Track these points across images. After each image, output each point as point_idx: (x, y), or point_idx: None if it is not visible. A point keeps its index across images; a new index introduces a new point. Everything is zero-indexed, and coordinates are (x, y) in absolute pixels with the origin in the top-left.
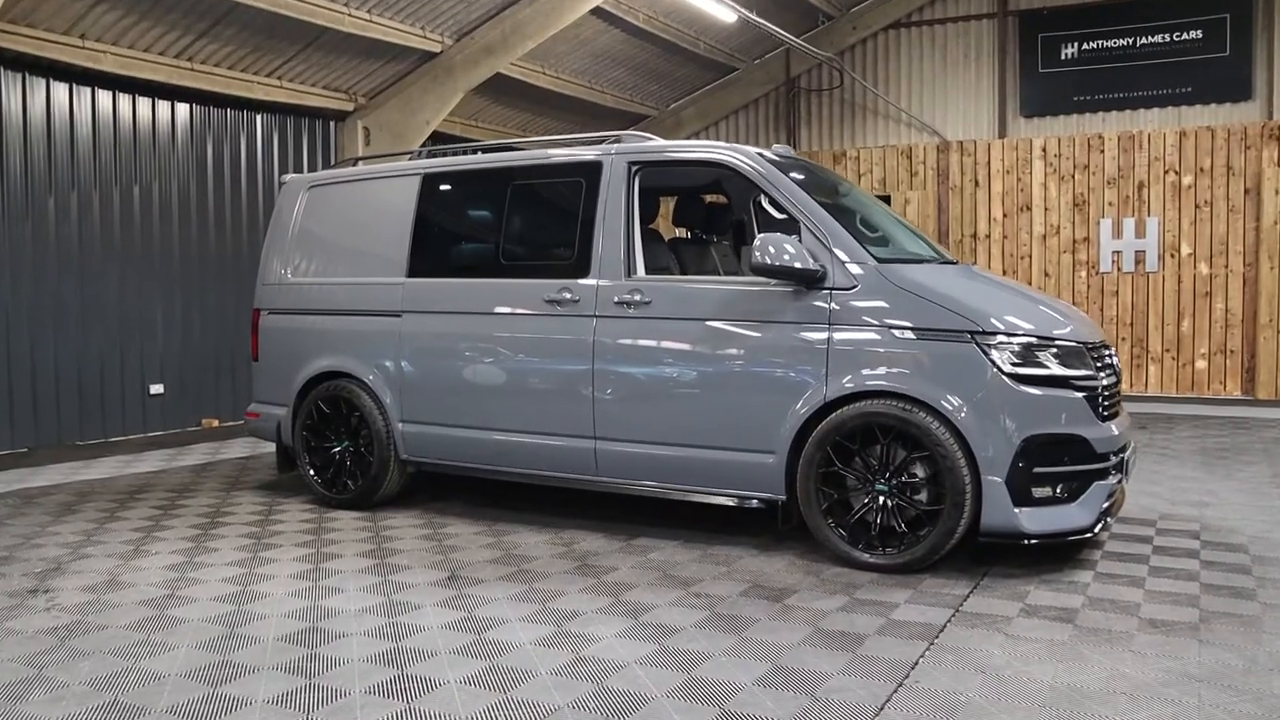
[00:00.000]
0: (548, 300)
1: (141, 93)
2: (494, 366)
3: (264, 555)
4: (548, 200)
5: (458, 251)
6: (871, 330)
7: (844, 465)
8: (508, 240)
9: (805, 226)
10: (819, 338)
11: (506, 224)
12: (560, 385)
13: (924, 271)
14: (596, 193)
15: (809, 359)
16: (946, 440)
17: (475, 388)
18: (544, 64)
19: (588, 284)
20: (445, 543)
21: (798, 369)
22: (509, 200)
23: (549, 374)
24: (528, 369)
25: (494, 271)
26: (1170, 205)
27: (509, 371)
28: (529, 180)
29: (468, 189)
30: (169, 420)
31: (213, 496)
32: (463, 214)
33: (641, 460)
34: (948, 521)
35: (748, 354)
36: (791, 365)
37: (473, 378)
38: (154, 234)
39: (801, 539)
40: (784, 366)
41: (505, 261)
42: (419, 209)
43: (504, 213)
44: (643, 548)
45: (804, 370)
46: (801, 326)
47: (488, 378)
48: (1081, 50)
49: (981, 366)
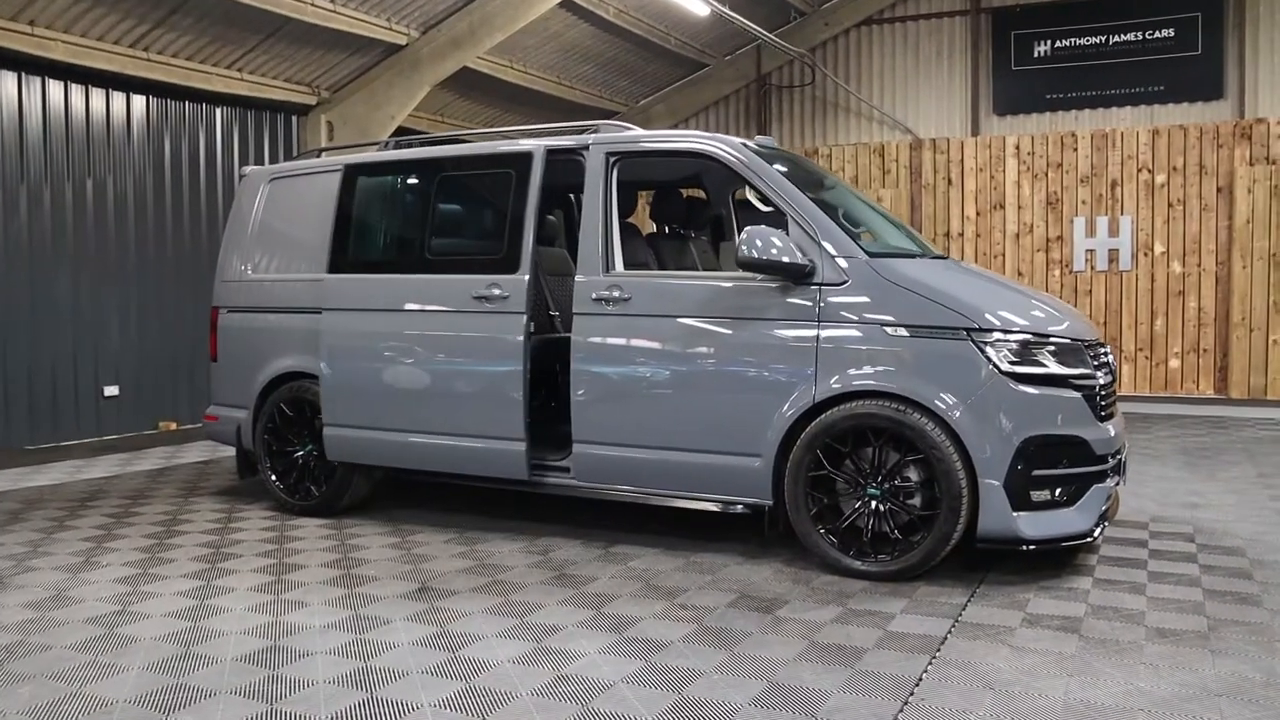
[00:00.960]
0: (476, 297)
1: (95, 84)
2: (416, 367)
3: (222, 566)
4: (476, 193)
5: (379, 246)
6: (862, 327)
7: (834, 469)
8: (433, 235)
9: (793, 219)
10: (807, 335)
11: (432, 218)
12: (489, 386)
13: (916, 266)
14: (527, 185)
15: (797, 358)
16: (942, 442)
17: (394, 388)
18: (512, 58)
19: (517, 279)
20: (415, 551)
21: (785, 368)
22: (435, 193)
23: (477, 375)
24: (453, 370)
25: (418, 267)
26: (1144, 204)
27: (432, 372)
28: (456, 173)
29: (391, 182)
30: (124, 423)
31: (169, 503)
32: (385, 208)
33: (621, 464)
34: (943, 527)
35: (732, 352)
36: (778, 364)
37: (392, 378)
38: (109, 231)
39: (788, 545)
40: (771, 366)
41: (431, 257)
42: (339, 203)
43: (430, 206)
44: (623, 555)
45: (792, 370)
46: (789, 324)
47: (409, 378)
48: (1054, 48)
49: (978, 365)
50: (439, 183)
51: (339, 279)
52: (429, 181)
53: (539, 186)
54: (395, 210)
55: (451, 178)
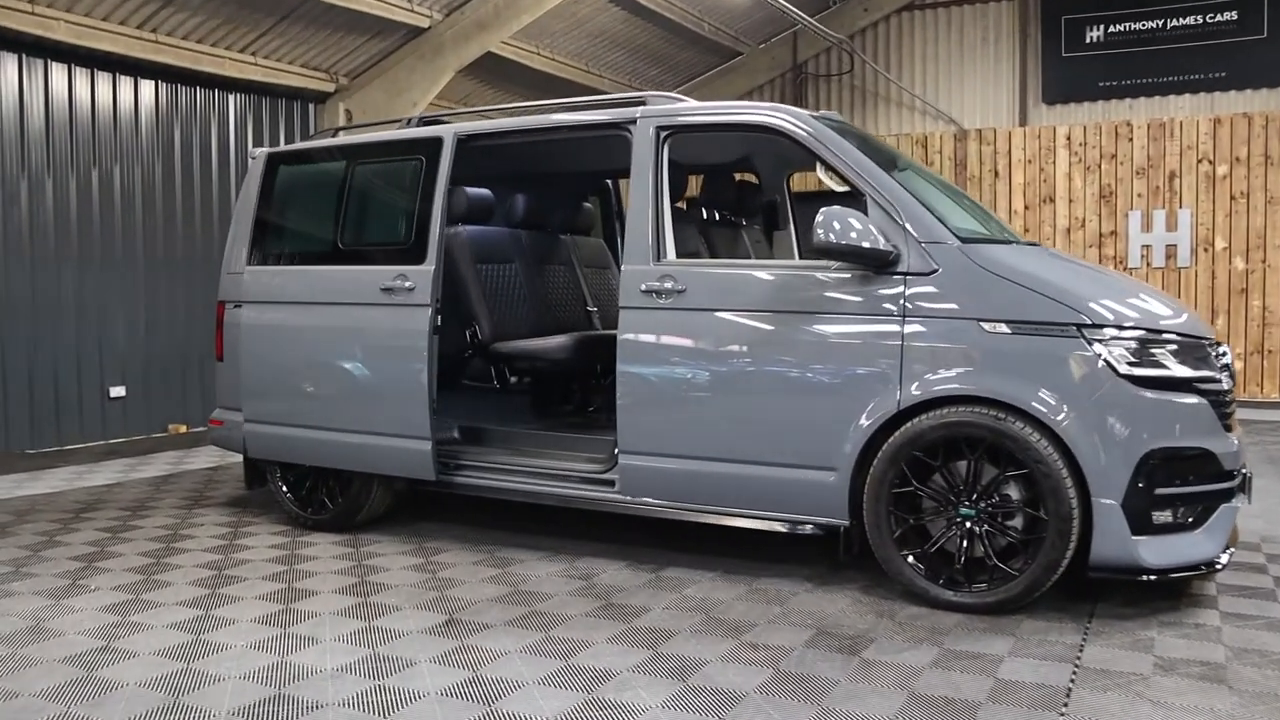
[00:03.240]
0: (383, 289)
1: (100, 67)
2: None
3: (224, 592)
4: (388, 181)
5: (294, 238)
6: (954, 323)
7: (921, 485)
8: (346, 225)
9: (873, 200)
10: (891, 332)
11: (346, 208)
12: (396, 382)
13: (1014, 254)
14: (436, 172)
15: (878, 357)
16: (1049, 455)
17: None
18: (539, 43)
19: (423, 270)
20: (440, 575)
21: (865, 370)
22: (349, 182)
23: (385, 370)
24: (362, 365)
25: (331, 259)
26: (1204, 197)
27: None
28: (370, 160)
29: (308, 170)
30: (131, 426)
31: (171, 515)
32: (302, 197)
33: (674, 478)
34: (1050, 553)
35: (803, 352)
36: (857, 365)
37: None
38: (115, 224)
39: (862, 569)
40: (848, 366)
41: (344, 248)
42: (260, 192)
43: (344, 195)
44: (675, 582)
45: (873, 371)
46: (869, 319)
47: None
48: (1108, 33)
49: (1091, 366)
50: (353, 171)
51: (255, 271)
52: (344, 170)
53: (448, 173)
54: (311, 200)
55: (366, 166)
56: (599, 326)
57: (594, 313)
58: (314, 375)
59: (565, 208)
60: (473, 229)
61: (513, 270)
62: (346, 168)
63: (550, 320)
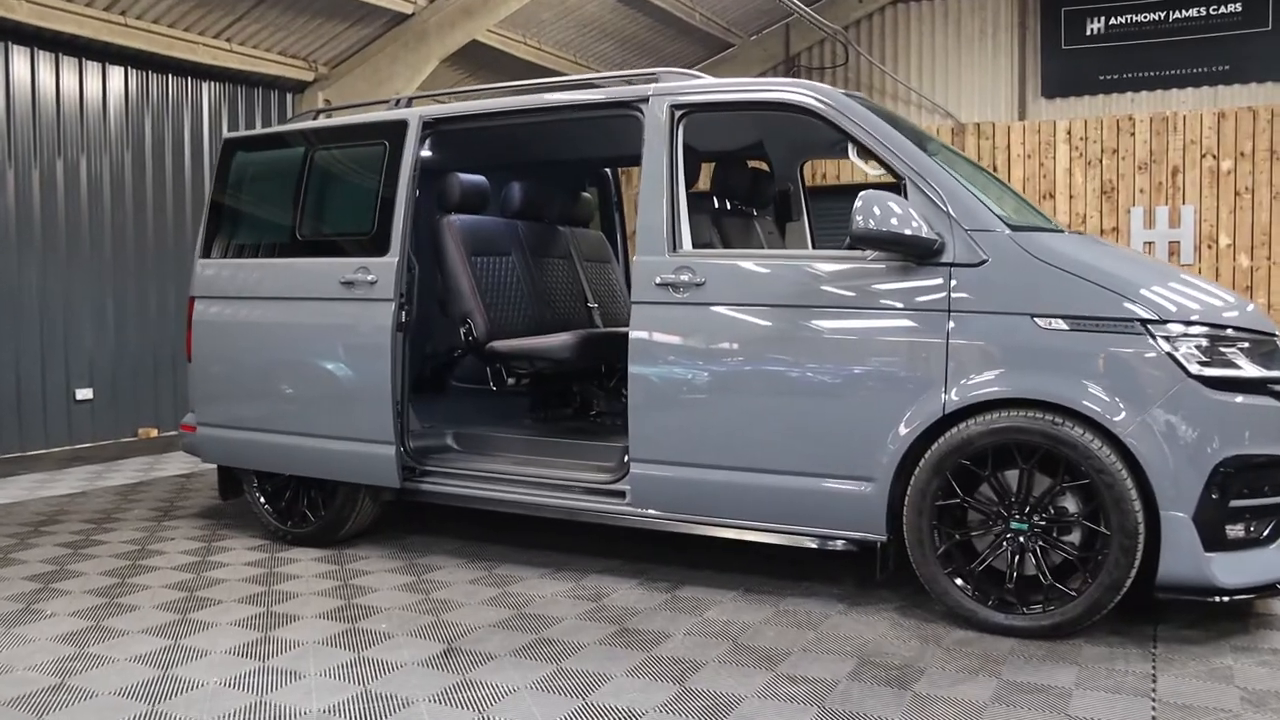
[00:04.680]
0: (343, 282)
1: (66, 51)
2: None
3: (195, 618)
4: (349, 168)
5: (251, 228)
6: (1006, 318)
7: (968, 497)
8: (305, 215)
9: (913, 184)
10: (936, 328)
11: (305, 196)
12: (358, 382)
13: (1069, 242)
14: (400, 157)
15: (922, 356)
16: (1111, 464)
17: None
18: (525, 32)
19: (386, 262)
20: (435, 595)
21: (906, 370)
22: (309, 169)
23: (346, 370)
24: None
25: (289, 251)
26: (1207, 192)
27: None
28: (331, 146)
29: (266, 157)
30: (100, 430)
31: (138, 529)
32: (259, 185)
33: (692, 489)
34: (1114, 571)
35: (837, 350)
36: (898, 364)
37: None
38: (81, 217)
39: (894, 588)
40: (888, 366)
41: (302, 239)
42: (216, 181)
43: (303, 183)
44: (694, 602)
45: (915, 371)
46: (911, 314)
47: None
48: (1109, 25)
49: (1160, 366)
50: (313, 157)
51: (209, 264)
52: (304, 156)
53: (413, 160)
54: (269, 188)
55: (327, 151)
56: (600, 324)
57: (595, 309)
58: (270, 375)
59: (563, 197)
60: (466, 218)
61: (509, 263)
62: (306, 154)
63: (550, 317)
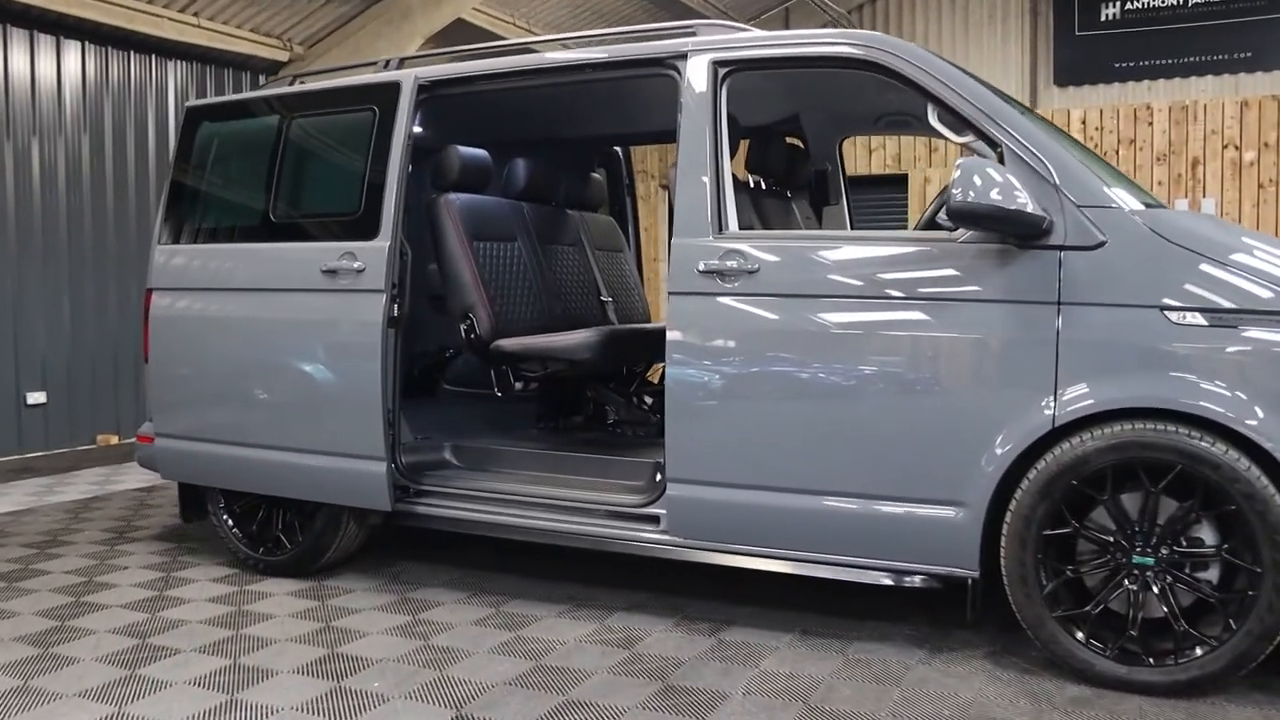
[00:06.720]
0: (326, 271)
1: (15, 22)
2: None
3: (145, 673)
4: (332, 139)
5: (216, 209)
6: (1130, 311)
7: (1082, 526)
8: (280, 194)
9: (1012, 153)
10: (1042, 324)
11: (280, 172)
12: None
13: (1202, 222)
14: (391, 126)
15: (1025, 357)
16: (1263, 489)
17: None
18: (515, 13)
19: (376, 247)
20: (435, 641)
21: (1005, 373)
22: (285, 140)
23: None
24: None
25: (261, 235)
26: (1229, 184)
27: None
28: (310, 113)
29: (234, 127)
30: (54, 437)
31: (88, 555)
32: (226, 160)
33: (740, 514)
34: (1265, 616)
35: (920, 350)
36: (995, 367)
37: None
38: (33, 206)
39: (978, 627)
40: (983, 369)
41: (276, 221)
42: (177, 156)
43: (278, 157)
44: (745, 649)
45: (1016, 375)
46: (1012, 306)
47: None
48: (1124, 10)
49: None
50: (290, 127)
51: (167, 250)
52: (279, 126)
53: (407, 129)
54: (238, 163)
55: (306, 120)
56: (614, 320)
57: (609, 303)
58: (240, 379)
59: (572, 177)
60: (466, 197)
61: (515, 250)
62: (282, 123)
63: (560, 312)
